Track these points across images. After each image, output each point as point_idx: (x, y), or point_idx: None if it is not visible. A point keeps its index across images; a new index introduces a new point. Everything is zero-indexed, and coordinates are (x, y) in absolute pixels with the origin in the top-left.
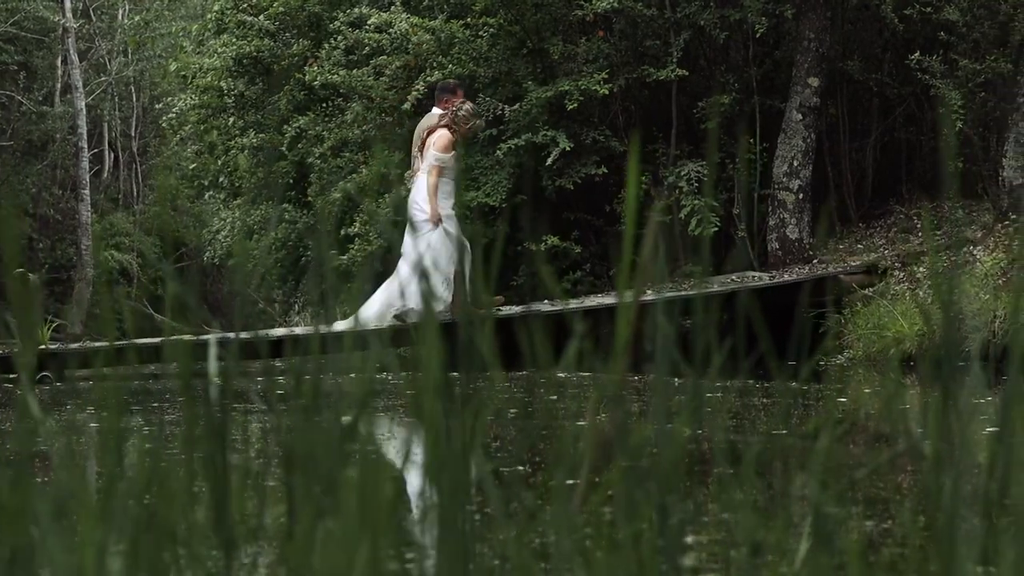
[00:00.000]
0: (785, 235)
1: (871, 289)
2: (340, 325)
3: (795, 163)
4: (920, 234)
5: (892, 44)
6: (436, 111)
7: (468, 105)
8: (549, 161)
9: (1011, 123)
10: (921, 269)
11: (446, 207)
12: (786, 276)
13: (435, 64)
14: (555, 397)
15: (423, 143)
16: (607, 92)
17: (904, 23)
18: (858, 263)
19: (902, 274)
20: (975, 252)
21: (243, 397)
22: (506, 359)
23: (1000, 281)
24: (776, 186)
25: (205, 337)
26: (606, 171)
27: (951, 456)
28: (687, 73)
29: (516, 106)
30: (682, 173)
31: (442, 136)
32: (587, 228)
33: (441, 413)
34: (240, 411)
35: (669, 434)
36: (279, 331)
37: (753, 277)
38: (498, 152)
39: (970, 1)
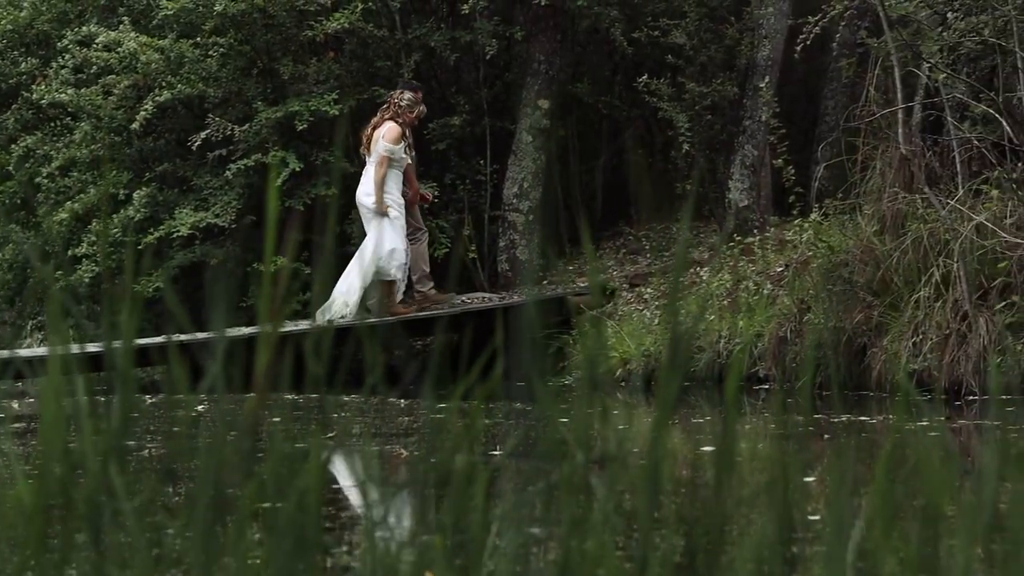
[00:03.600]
0: (515, 256)
1: (599, 310)
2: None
3: (525, 184)
4: (648, 255)
5: (621, 67)
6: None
7: (408, 94)
8: (279, 182)
9: (737, 146)
10: (649, 290)
11: (396, 197)
12: (515, 297)
13: (164, 83)
14: (278, 419)
15: (369, 138)
16: (337, 113)
17: (633, 46)
18: (587, 284)
19: (630, 295)
20: (702, 273)
21: None
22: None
23: (725, 302)
24: (506, 207)
25: None
26: (336, 192)
27: (654, 474)
28: None
29: (246, 126)
30: None
31: (391, 128)
32: (317, 249)
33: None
34: None
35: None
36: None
37: (483, 298)
38: (227, 172)
39: (697, 25)
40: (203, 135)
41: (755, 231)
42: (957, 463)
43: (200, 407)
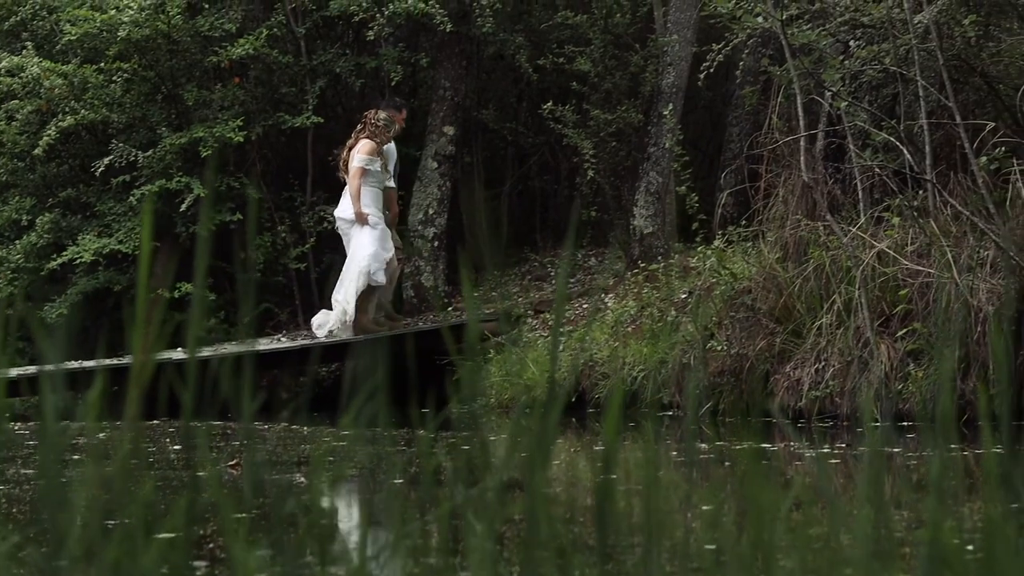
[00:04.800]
0: (420, 283)
1: (504, 336)
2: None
3: (430, 211)
4: (553, 282)
5: (527, 94)
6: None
7: (383, 113)
8: (183, 207)
9: (642, 172)
10: (553, 316)
11: (374, 211)
12: (420, 324)
13: (68, 109)
14: (179, 446)
15: (346, 160)
16: (242, 139)
17: (538, 73)
18: (492, 310)
19: (535, 321)
20: (606, 300)
21: None
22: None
23: (630, 328)
24: (412, 233)
25: None
26: (241, 218)
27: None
28: (323, 120)
29: (150, 152)
30: (319, 220)
31: (365, 143)
32: (221, 275)
33: None
34: None
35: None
36: None
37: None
38: (131, 198)
39: (602, 52)
40: (107, 161)
41: (659, 258)
42: (785, 489)
43: (101, 435)
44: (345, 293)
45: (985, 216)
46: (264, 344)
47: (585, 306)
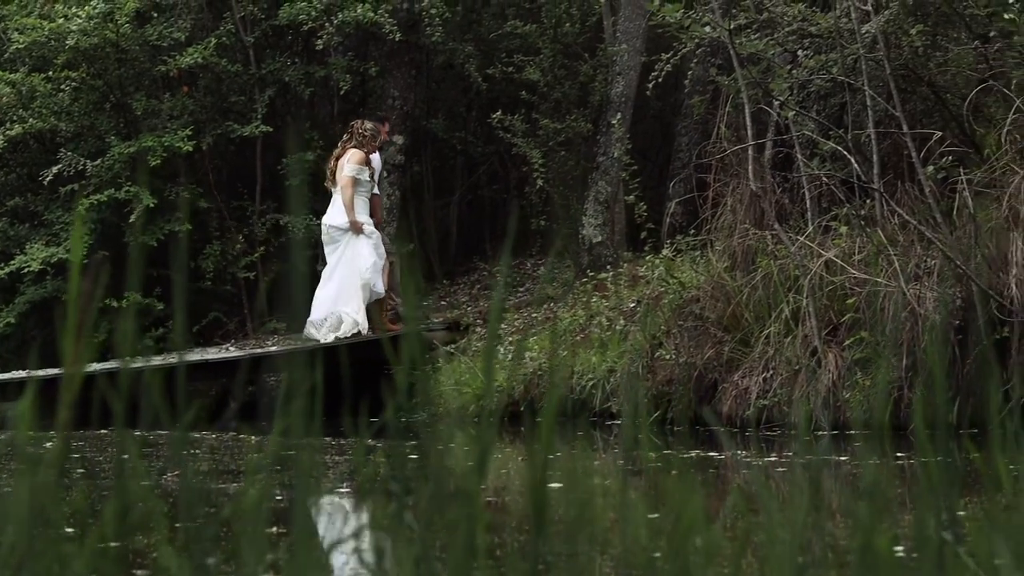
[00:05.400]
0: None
1: (453, 346)
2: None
3: None
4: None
5: (476, 103)
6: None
7: (369, 124)
8: (132, 218)
9: (591, 182)
10: (503, 325)
11: (365, 219)
12: (370, 333)
13: (15, 117)
14: (127, 456)
15: (333, 170)
16: (191, 149)
17: (488, 82)
18: (441, 320)
19: (484, 330)
20: (556, 309)
21: None
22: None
23: (579, 337)
24: None
25: None
26: (190, 227)
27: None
28: (272, 130)
29: (98, 161)
30: (270, 229)
31: (354, 154)
32: (170, 285)
33: None
34: None
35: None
36: None
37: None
38: (80, 207)
39: (551, 62)
40: (55, 170)
41: (608, 267)
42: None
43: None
44: (353, 306)
45: (932, 225)
46: (212, 354)
47: (535, 315)
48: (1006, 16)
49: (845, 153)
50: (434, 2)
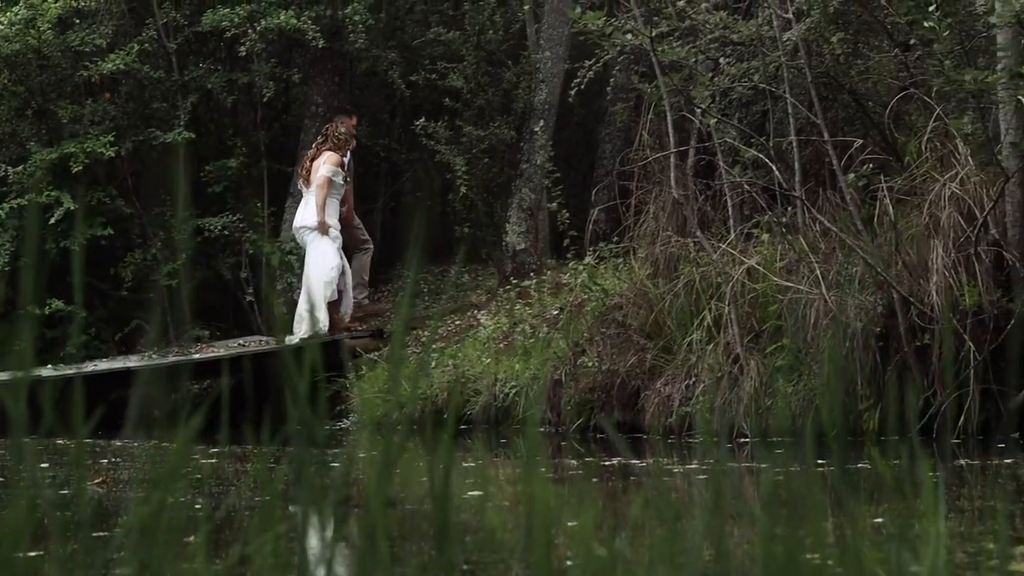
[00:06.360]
0: (293, 299)
1: (376, 353)
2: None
3: None
4: (426, 298)
5: (400, 110)
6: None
7: (343, 128)
8: (53, 221)
9: (515, 189)
10: (426, 333)
11: (334, 221)
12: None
13: None
14: (45, 464)
15: (308, 170)
16: (113, 155)
17: (411, 89)
18: (364, 327)
19: (407, 338)
20: (479, 316)
21: None
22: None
23: (501, 345)
24: (283, 250)
25: None
26: (112, 233)
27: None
28: (194, 136)
29: (20, 167)
30: (193, 235)
31: (330, 156)
32: (93, 291)
33: None
34: None
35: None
36: None
37: (260, 341)
38: (0, 213)
39: (475, 69)
40: None
41: (532, 274)
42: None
43: None
44: (316, 305)
45: (853, 232)
46: (134, 361)
47: (458, 323)
48: (926, 24)
49: (767, 161)
50: (357, 9)
